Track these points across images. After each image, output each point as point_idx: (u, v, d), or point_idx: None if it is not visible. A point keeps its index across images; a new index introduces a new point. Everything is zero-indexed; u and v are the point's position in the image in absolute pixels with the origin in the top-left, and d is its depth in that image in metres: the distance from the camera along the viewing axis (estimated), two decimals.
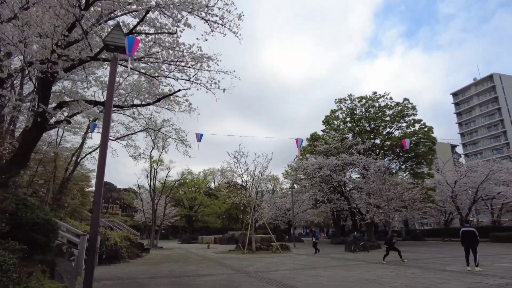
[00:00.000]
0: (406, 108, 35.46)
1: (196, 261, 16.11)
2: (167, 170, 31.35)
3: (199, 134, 14.70)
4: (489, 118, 78.34)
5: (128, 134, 18.86)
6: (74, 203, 34.19)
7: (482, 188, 37.62)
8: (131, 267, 13.74)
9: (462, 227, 11.79)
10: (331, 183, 31.65)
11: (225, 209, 55.34)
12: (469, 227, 11.42)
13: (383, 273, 10.81)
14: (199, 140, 14.63)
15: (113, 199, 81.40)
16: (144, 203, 34.90)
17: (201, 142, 14.60)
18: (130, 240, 18.74)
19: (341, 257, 17.30)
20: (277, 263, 14.89)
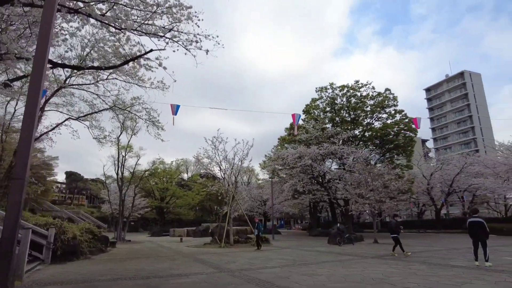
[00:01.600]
0: (387, 98, 34.84)
1: (169, 257, 14.22)
2: (136, 157, 28.92)
3: (174, 105, 12.65)
4: (459, 114, 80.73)
5: (91, 113, 16.50)
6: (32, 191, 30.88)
7: (456, 181, 38.13)
8: (91, 265, 11.65)
9: (469, 218, 10.64)
10: (312, 173, 30.50)
11: (199, 200, 53.26)
12: (477, 218, 10.29)
13: (387, 270, 9.48)
14: (175, 112, 12.62)
15: (79, 189, 77.02)
16: (112, 193, 32.23)
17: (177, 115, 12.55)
18: (93, 233, 16.46)
19: (329, 251, 16.00)
20: (262, 258, 13.31)
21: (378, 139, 34.45)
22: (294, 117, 14.38)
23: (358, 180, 24.02)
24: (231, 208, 20.85)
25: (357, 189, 22.67)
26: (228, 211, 20.55)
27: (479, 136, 76.08)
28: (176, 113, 12.48)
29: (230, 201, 20.86)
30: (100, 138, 17.55)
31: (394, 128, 33.09)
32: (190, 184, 57.21)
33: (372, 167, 22.55)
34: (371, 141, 34.66)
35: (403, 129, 33.94)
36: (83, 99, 16.31)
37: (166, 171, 50.42)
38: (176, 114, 12.46)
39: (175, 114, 12.44)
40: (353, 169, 26.00)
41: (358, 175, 24.69)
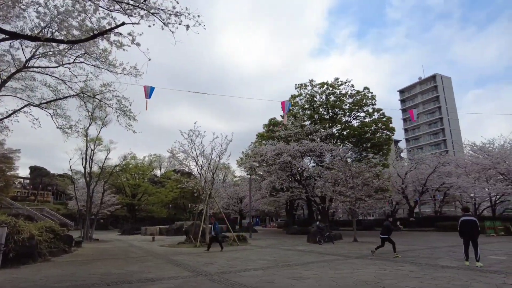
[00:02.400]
0: (366, 97, 34.88)
1: (140, 258, 13.04)
2: (106, 151, 27.10)
3: (148, 87, 11.42)
4: (430, 115, 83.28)
5: (55, 99, 14.92)
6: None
7: (429, 180, 38.92)
8: (49, 268, 10.33)
9: (462, 216, 10.20)
10: (290, 170, 29.96)
11: (172, 197, 51.53)
12: (470, 216, 9.91)
13: (378, 272, 8.87)
14: (149, 95, 11.42)
15: (44, 185, 72.89)
16: (79, 188, 30.25)
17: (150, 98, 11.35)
18: (55, 232, 14.94)
19: (310, 250, 15.36)
20: (242, 259, 12.42)
21: (356, 137, 34.45)
22: (284, 104, 13.53)
23: (337, 177, 23.64)
24: (207, 206, 19.79)
25: (336, 186, 22.26)
26: (204, 209, 19.50)
27: (448, 138, 78.84)
28: (150, 96, 11.30)
29: (206, 198, 19.81)
30: (65, 128, 15.95)
31: (372, 126, 33.16)
32: (164, 180, 55.31)
33: (352, 165, 22.14)
34: (349, 139, 34.61)
35: (380, 128, 34.12)
36: (46, 84, 14.72)
37: (138, 167, 48.35)
38: (150, 97, 11.28)
39: (149, 97, 11.26)
40: (331, 167, 25.60)
41: (337, 172, 24.37)
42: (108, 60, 14.00)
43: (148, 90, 11.25)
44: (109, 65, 14.57)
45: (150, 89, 11.28)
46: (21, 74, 14.99)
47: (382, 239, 12.77)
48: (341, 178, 22.35)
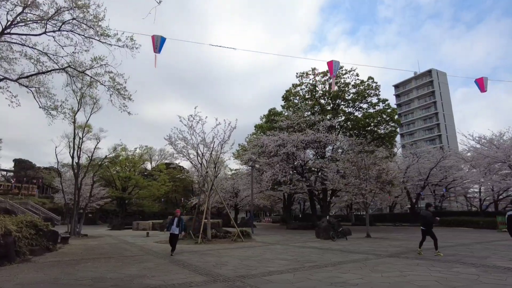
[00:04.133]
0: (370, 87, 33.41)
1: (137, 257, 11.24)
2: (96, 140, 24.92)
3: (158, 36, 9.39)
4: (425, 110, 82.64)
5: (37, 73, 12.87)
6: None
7: (432, 174, 37.90)
8: (28, 271, 8.46)
9: (509, 211, 8.76)
10: (293, 162, 28.38)
11: (165, 191, 49.48)
12: None
13: (434, 274, 7.28)
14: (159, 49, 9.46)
15: (29, 178, 69.73)
16: (66, 180, 28.09)
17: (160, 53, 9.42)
18: (37, 227, 13.01)
19: (328, 247, 13.76)
20: (256, 258, 10.74)
21: (359, 129, 33.02)
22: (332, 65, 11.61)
23: (348, 169, 22.13)
24: (209, 199, 18.02)
25: (346, 178, 20.75)
26: (206, 202, 17.71)
27: (443, 133, 78.38)
28: (160, 49, 9.36)
29: (209, 191, 18.02)
30: (50, 108, 13.92)
31: (377, 117, 31.72)
32: (155, 173, 53.19)
33: (365, 156, 20.60)
34: (352, 131, 33.11)
35: (385, 120, 32.71)
36: (26, 56, 12.66)
37: (128, 159, 46.09)
38: (160, 51, 9.34)
39: (159, 50, 9.33)
40: (337, 158, 24.12)
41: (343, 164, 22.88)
42: (100, 27, 12.06)
43: (157, 41, 9.27)
44: (101, 35, 12.64)
45: (161, 39, 9.30)
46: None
47: (422, 231, 10.97)
48: (352, 170, 20.83)
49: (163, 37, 9.09)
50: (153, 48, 9.25)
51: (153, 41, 9.23)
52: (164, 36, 8.99)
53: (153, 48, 9.25)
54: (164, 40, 9.25)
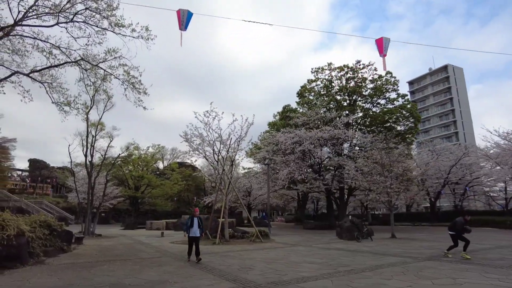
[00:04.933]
0: (388, 82, 32.27)
1: (154, 260, 10.60)
2: (109, 138, 24.50)
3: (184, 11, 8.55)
4: (441, 107, 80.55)
5: (49, 67, 12.32)
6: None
7: (453, 172, 36.54)
8: (42, 275, 7.88)
9: None
10: (309, 160, 27.53)
11: (178, 190, 49.10)
12: None
13: (494, 282, 6.41)
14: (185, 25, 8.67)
15: (44, 177, 70.43)
16: (79, 179, 27.80)
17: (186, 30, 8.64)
18: (51, 227, 12.51)
19: (356, 249, 12.89)
20: (282, 261, 9.97)
21: (378, 125, 31.93)
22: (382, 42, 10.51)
23: (369, 166, 21.19)
24: (227, 198, 17.33)
25: (368, 176, 19.82)
26: (223, 201, 17.03)
27: (460, 130, 76.24)
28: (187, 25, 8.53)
29: (226, 189, 17.32)
30: (63, 104, 13.40)
31: (396, 113, 30.58)
32: (168, 172, 52.89)
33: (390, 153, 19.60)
34: (370, 128, 32.00)
35: (404, 116, 31.53)
36: (38, 48, 12.13)
37: (141, 158, 45.82)
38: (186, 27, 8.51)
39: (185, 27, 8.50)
40: (358, 156, 23.19)
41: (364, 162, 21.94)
42: (114, 16, 11.44)
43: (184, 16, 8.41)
44: (115, 26, 12.02)
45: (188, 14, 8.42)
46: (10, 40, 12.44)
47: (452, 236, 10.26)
48: (373, 167, 19.89)
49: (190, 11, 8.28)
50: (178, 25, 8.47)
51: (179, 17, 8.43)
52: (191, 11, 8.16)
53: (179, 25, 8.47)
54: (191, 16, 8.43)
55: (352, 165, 23.13)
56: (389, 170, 17.96)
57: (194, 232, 10.09)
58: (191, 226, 10.10)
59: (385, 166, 18.17)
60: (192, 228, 10.09)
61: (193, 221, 10.17)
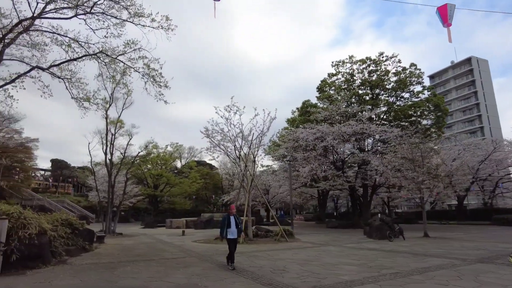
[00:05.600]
0: (413, 75, 30.90)
1: (179, 260, 10.06)
2: (128, 136, 24.32)
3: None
4: (465, 101, 77.63)
5: (68, 60, 11.94)
6: None
7: (481, 168, 34.83)
8: (64, 276, 7.43)
9: None
10: (332, 156, 26.60)
11: (196, 188, 48.94)
12: None
13: None
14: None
15: (65, 177, 71.92)
16: (99, 177, 27.78)
17: None
18: (72, 226, 12.18)
19: (391, 249, 12.02)
20: (315, 262, 9.25)
21: (402, 119, 30.65)
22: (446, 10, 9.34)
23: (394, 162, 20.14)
24: (250, 195, 16.69)
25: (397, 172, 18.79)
26: (247, 199, 16.41)
27: (486, 125, 73.21)
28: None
29: (249, 186, 16.69)
30: (82, 99, 13.04)
31: (423, 106, 29.24)
32: (185, 171, 52.84)
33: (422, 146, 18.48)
34: (394, 122, 30.71)
35: (430, 110, 30.13)
36: (57, 42, 11.78)
37: (159, 156, 45.85)
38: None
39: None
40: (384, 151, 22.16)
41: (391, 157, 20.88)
42: (133, 6, 10.94)
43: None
44: (134, 16, 11.53)
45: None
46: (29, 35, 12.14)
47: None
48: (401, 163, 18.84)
49: None
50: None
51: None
52: None
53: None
54: None
55: (379, 161, 22.08)
56: (421, 165, 16.90)
57: (232, 233, 8.73)
58: (228, 226, 8.70)
59: (416, 161, 17.12)
60: (230, 229, 8.72)
61: (230, 220, 8.78)
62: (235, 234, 8.71)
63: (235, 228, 8.74)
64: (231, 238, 8.64)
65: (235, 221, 8.81)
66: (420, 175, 16.59)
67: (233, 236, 8.66)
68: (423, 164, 16.86)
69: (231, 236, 8.66)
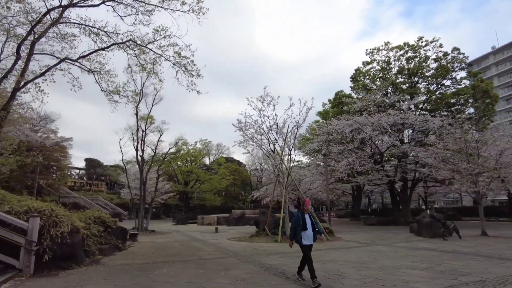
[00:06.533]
0: (456, 60, 28.59)
1: (218, 261, 9.24)
2: (159, 132, 24.02)
3: None
4: (508, 89, 72.43)
5: (96, 50, 11.41)
6: None
7: None
8: (97, 278, 6.79)
9: None
10: (370, 148, 25.04)
11: (226, 185, 48.60)
12: None
13: None
14: None
15: (98, 175, 74.11)
16: (130, 174, 27.78)
17: None
18: (105, 224, 11.72)
19: (453, 249, 10.62)
20: (371, 265, 8.12)
21: (442, 109, 28.47)
22: None
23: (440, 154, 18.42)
24: (286, 191, 15.69)
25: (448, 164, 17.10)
26: (283, 194, 15.42)
27: None
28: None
29: (285, 181, 15.69)
30: (112, 92, 12.53)
31: (468, 93, 26.96)
32: (214, 167, 52.67)
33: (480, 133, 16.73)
34: (436, 112, 28.52)
35: (478, 97, 27.72)
36: (85, 32, 11.28)
37: (189, 153, 45.83)
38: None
39: None
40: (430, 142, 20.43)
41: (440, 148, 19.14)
42: None
43: None
44: (163, 0, 10.79)
45: None
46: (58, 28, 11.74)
47: None
48: (453, 154, 17.12)
49: None
50: None
51: None
52: None
53: None
54: None
55: (425, 152, 20.33)
56: (477, 156, 15.19)
57: (308, 237, 6.40)
58: (303, 228, 6.38)
59: (470, 153, 15.39)
60: (306, 232, 6.37)
61: (305, 219, 6.46)
62: (311, 239, 6.44)
63: (312, 231, 6.44)
64: (307, 244, 6.39)
65: (311, 221, 6.51)
66: (476, 167, 14.90)
67: (309, 242, 6.42)
68: (479, 155, 15.15)
69: (307, 242, 6.39)
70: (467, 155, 15.61)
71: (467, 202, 52.43)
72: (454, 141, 16.57)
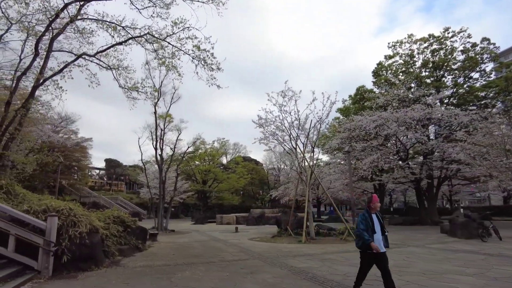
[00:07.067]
0: (485, 51, 27.06)
1: (242, 263, 8.72)
2: (177, 131, 23.77)
3: None
4: None
5: (113, 45, 11.09)
6: None
7: None
8: (115, 283, 6.39)
9: None
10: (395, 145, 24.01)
11: (243, 184, 48.19)
12: None
13: None
14: None
15: (118, 175, 75.24)
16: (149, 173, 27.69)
17: None
18: (124, 224, 11.41)
19: (499, 253, 9.73)
20: (409, 269, 7.39)
21: (470, 103, 27.03)
22: None
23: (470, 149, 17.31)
24: (309, 189, 15.03)
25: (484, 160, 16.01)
26: (307, 193, 14.77)
27: None
28: None
29: (308, 180, 15.03)
30: (129, 88, 12.21)
31: (501, 85, 25.45)
32: (232, 166, 52.36)
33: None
34: (463, 106, 27.07)
35: (510, 88, 26.12)
36: (103, 27, 10.99)
37: (207, 152, 45.66)
38: None
39: None
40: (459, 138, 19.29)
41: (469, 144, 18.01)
42: None
43: None
44: None
45: None
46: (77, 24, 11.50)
47: None
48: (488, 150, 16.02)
49: None
50: None
51: None
52: None
53: None
54: None
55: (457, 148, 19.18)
56: None
57: (378, 242, 5.02)
58: (373, 231, 5.06)
59: (508, 148, 14.31)
60: (375, 236, 5.05)
61: (373, 220, 5.13)
62: (381, 244, 5.07)
63: (381, 235, 5.14)
64: (374, 253, 4.96)
65: (379, 222, 5.20)
66: None
67: (382, 249, 5.01)
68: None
69: (377, 250, 4.91)
70: (505, 150, 14.52)
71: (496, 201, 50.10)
72: (489, 136, 15.46)
